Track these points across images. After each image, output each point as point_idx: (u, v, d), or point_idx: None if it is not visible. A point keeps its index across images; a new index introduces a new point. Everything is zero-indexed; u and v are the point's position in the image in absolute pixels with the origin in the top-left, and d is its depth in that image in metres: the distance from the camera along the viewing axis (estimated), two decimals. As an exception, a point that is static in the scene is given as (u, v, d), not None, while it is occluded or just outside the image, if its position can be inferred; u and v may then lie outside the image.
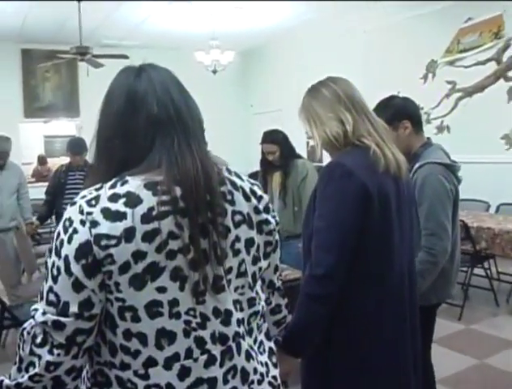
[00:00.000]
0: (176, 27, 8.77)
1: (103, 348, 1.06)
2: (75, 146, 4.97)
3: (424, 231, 2.18)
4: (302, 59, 9.44)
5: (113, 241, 0.98)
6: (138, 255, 0.99)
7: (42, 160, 11.12)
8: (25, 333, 1.04)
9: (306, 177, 3.65)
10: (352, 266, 1.56)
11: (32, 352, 1.02)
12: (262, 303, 1.21)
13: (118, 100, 1.11)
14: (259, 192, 1.20)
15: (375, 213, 1.57)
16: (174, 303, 1.02)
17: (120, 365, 1.04)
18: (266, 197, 1.22)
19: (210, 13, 7.71)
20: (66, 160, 5.53)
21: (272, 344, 1.26)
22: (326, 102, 1.70)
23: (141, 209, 1.00)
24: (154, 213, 1.00)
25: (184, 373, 1.04)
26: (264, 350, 1.21)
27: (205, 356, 1.05)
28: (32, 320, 1.03)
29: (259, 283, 1.21)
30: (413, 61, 7.30)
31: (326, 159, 1.76)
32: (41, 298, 1.03)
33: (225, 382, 1.08)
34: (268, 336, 1.26)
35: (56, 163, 10.49)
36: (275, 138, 3.73)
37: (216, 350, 1.07)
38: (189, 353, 1.04)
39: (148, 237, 0.99)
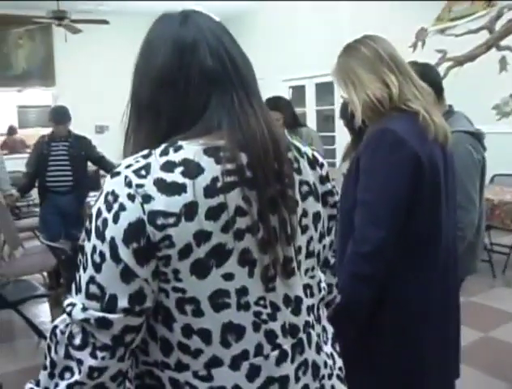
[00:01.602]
0: (156, -8, 8.44)
1: (152, 346, 0.89)
2: (59, 115, 4.72)
3: (451, 203, 2.07)
4: (286, 28, 9.22)
5: (172, 220, 0.80)
6: (202, 236, 0.82)
7: (11, 131, 10.46)
8: (58, 332, 0.85)
9: (311, 146, 3.50)
10: (400, 243, 1.44)
11: (68, 356, 0.83)
12: (323, 285, 1.08)
13: (163, 52, 0.92)
14: (320, 159, 1.06)
15: (426, 185, 1.44)
16: (243, 292, 0.87)
17: (175, 366, 0.87)
18: (326, 164, 1.07)
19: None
20: (41, 131, 5.26)
21: (333, 330, 1.12)
22: (366, 62, 1.54)
23: (203, 180, 0.83)
24: (219, 185, 0.84)
25: (253, 372, 0.88)
26: (327, 338, 1.07)
27: (276, 352, 0.91)
28: (66, 317, 0.85)
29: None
30: (402, 30, 7.13)
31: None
32: (78, 290, 0.84)
33: (297, 379, 0.93)
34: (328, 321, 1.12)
35: (30, 134, 10.10)
36: (278, 105, 3.55)
37: (287, 344, 0.92)
38: (259, 350, 0.89)
39: (213, 213, 0.83)
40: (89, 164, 4.92)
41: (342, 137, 7.43)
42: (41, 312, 4.23)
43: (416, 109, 1.49)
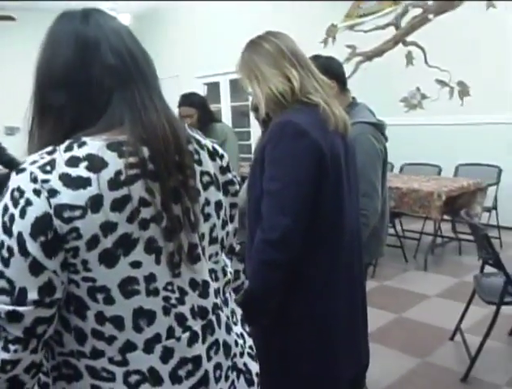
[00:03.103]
0: (65, -12, 8.20)
1: (66, 337, 0.92)
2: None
3: (355, 191, 2.17)
4: (200, 25, 9.22)
5: (78, 212, 0.83)
6: (108, 227, 0.86)
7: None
8: None
9: (225, 142, 3.56)
10: (306, 229, 1.51)
11: None
12: (230, 269, 1.14)
13: (65, 50, 0.94)
14: (220, 150, 1.11)
15: (328, 174, 1.52)
16: (151, 278, 0.91)
17: (91, 354, 0.91)
18: (226, 155, 1.13)
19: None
20: None
21: (241, 312, 1.19)
22: (269, 57, 1.60)
23: (107, 174, 0.86)
24: (122, 178, 0.87)
25: (167, 354, 0.94)
26: (237, 319, 1.14)
27: (187, 334, 0.96)
28: None
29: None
30: (313, 26, 7.34)
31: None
32: None
33: (209, 358, 1.00)
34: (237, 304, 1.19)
35: None
36: (192, 102, 3.58)
37: (197, 326, 0.98)
38: (170, 333, 0.94)
39: (118, 205, 0.86)
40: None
41: (257, 132, 7.53)
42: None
43: (316, 101, 1.56)
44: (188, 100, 3.60)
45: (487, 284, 3.12)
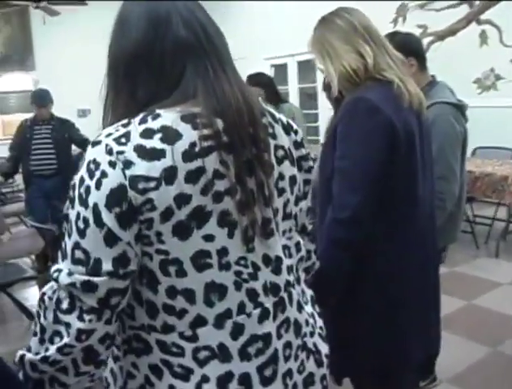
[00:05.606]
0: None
1: (138, 310, 0.92)
2: (41, 97, 4.70)
3: (432, 174, 2.11)
4: (267, 5, 9.12)
5: (153, 184, 0.84)
6: (182, 199, 0.85)
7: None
8: (46, 298, 0.89)
9: (293, 122, 3.54)
10: (378, 208, 1.48)
11: (57, 320, 0.87)
12: (302, 247, 1.11)
13: (138, 25, 0.95)
14: (294, 125, 1.10)
15: (401, 152, 1.47)
16: (223, 252, 0.90)
17: (162, 328, 0.91)
18: (300, 131, 1.11)
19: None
20: (22, 116, 5.32)
21: (312, 292, 1.17)
22: (341, 33, 1.57)
23: (181, 145, 0.86)
24: (197, 149, 0.87)
25: (237, 330, 0.92)
26: (307, 299, 1.12)
27: (258, 311, 0.94)
28: (53, 283, 0.88)
29: None
30: (383, 5, 7.14)
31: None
32: (64, 257, 0.87)
33: (279, 336, 0.97)
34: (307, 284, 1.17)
35: (11, 120, 9.99)
36: (260, 81, 3.59)
37: (269, 302, 0.96)
38: (241, 308, 0.93)
39: (192, 177, 0.86)
40: (74, 147, 4.92)
41: (325, 114, 7.45)
42: (31, 296, 4.25)
43: (390, 78, 1.52)
44: (254, 79, 3.61)
45: None
